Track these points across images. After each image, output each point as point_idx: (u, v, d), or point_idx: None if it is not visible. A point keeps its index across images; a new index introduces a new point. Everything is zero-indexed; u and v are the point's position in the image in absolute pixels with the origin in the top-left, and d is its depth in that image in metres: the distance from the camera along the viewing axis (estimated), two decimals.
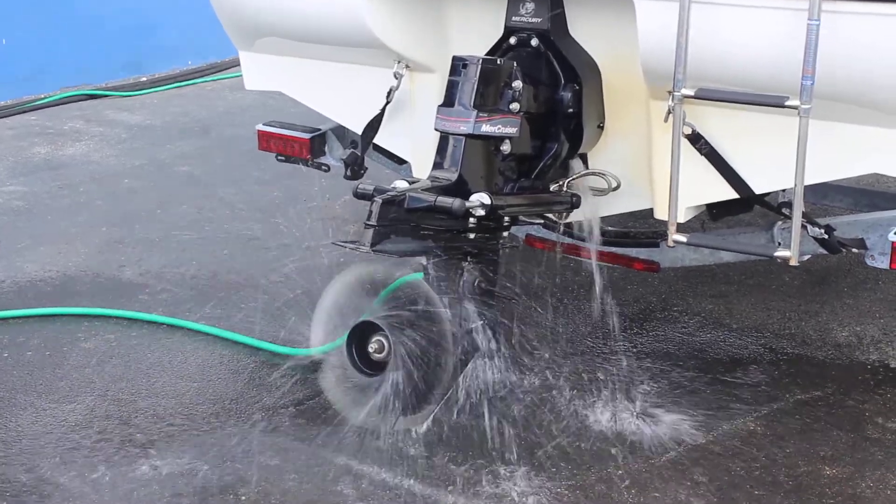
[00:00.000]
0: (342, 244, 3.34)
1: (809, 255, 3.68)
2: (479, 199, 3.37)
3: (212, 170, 6.52)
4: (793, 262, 3.31)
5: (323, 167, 4.71)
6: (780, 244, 3.68)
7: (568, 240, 4.14)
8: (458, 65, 3.48)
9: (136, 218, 5.69)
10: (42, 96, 8.16)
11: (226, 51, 8.61)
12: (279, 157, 4.78)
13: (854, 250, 3.64)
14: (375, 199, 3.27)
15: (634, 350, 4.13)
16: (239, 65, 4.58)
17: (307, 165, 4.71)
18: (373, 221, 3.24)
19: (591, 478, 3.37)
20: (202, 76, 8.98)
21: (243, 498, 3.30)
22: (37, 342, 4.30)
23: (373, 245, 3.25)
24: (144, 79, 8.88)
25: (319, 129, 4.67)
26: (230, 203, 5.90)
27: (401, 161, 4.52)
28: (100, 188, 6.20)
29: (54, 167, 6.62)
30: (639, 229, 4.34)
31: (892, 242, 3.43)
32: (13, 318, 4.50)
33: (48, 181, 6.34)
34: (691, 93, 3.28)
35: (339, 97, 4.27)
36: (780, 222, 3.73)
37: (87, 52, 8.57)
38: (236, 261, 5.10)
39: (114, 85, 8.61)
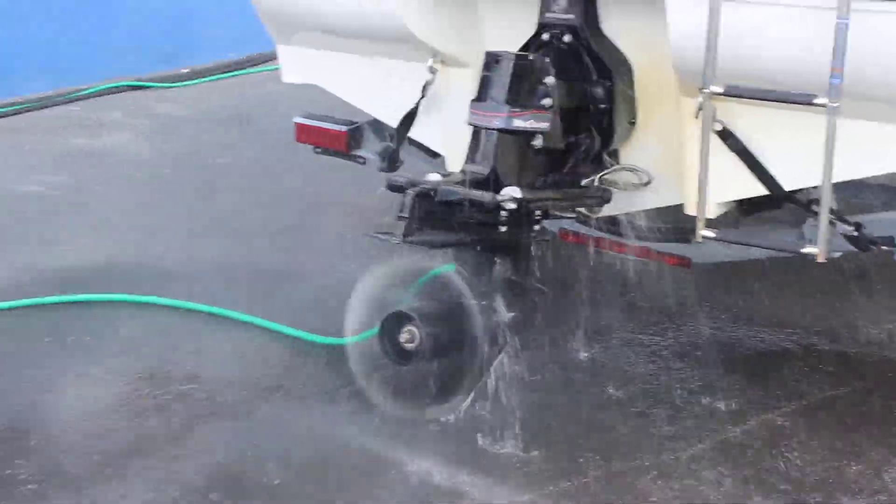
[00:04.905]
0: (375, 235, 3.39)
1: (840, 253, 3.70)
2: (511, 192, 3.40)
3: (250, 161, 6.62)
4: (820, 259, 3.33)
5: (359, 160, 4.75)
6: (809, 241, 3.69)
7: (600, 234, 4.18)
8: (492, 60, 3.52)
9: (175, 207, 5.78)
10: (84, 87, 8.26)
11: (266, 44, 8.69)
12: (316, 150, 4.84)
13: (884, 248, 3.65)
14: (408, 191, 3.33)
15: (665, 344, 4.17)
16: (276, 58, 4.65)
17: (344, 158, 4.76)
18: (405, 213, 3.30)
19: (618, 467, 3.42)
20: (242, 68, 9.07)
21: (276, 482, 3.37)
22: (77, 328, 4.39)
23: (405, 236, 3.30)
24: (185, 70, 8.97)
25: (356, 123, 4.72)
26: (268, 194, 5.98)
27: (435, 154, 4.56)
28: (140, 178, 6.31)
29: (95, 157, 6.73)
30: (671, 224, 4.36)
31: None
32: (54, 303, 4.59)
33: (89, 171, 6.45)
34: (721, 89, 3.30)
35: (375, 91, 4.32)
36: (810, 219, 3.74)
37: (129, 44, 8.67)
38: (273, 251, 5.18)
39: (155, 76, 8.71)
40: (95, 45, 8.43)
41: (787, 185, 3.51)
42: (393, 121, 4.25)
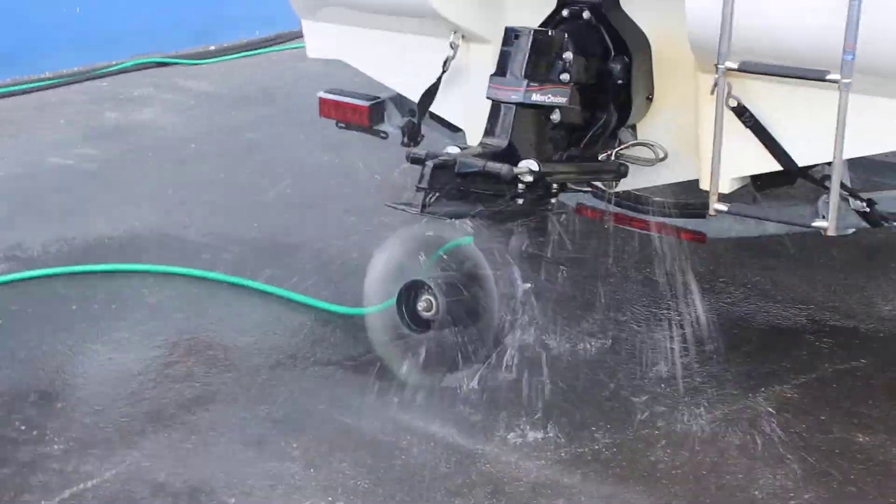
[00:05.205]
0: (394, 206, 3.46)
1: (853, 230, 3.75)
2: (528, 165, 3.47)
3: (275, 136, 6.70)
4: (830, 233, 3.39)
5: (381, 134, 4.82)
6: (822, 216, 3.75)
7: (617, 209, 4.24)
8: (511, 35, 3.58)
9: (201, 181, 5.88)
10: (113, 63, 8.36)
11: (292, 22, 8.78)
12: (339, 125, 4.90)
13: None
14: (427, 163, 3.40)
15: (679, 318, 4.23)
16: (302, 35, 4.72)
17: (366, 132, 4.83)
18: (424, 185, 3.37)
19: (630, 436, 3.49)
20: (268, 46, 9.14)
21: (294, 444, 3.46)
22: (103, 296, 4.50)
23: (423, 207, 3.38)
24: (213, 48, 9.05)
25: (378, 98, 4.79)
26: (292, 168, 6.06)
27: (455, 129, 4.62)
28: (167, 152, 6.40)
29: (124, 132, 6.83)
30: (687, 200, 4.42)
31: None
32: (82, 272, 4.70)
33: (118, 145, 6.55)
34: (735, 66, 3.36)
35: (398, 66, 4.38)
36: (824, 195, 3.80)
37: (158, 21, 8.75)
38: (297, 224, 5.27)
39: (183, 53, 8.80)
40: (124, 21, 8.52)
41: (801, 161, 3.56)
42: (415, 96, 4.31)
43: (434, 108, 4.30)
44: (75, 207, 5.50)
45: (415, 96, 4.31)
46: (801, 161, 3.56)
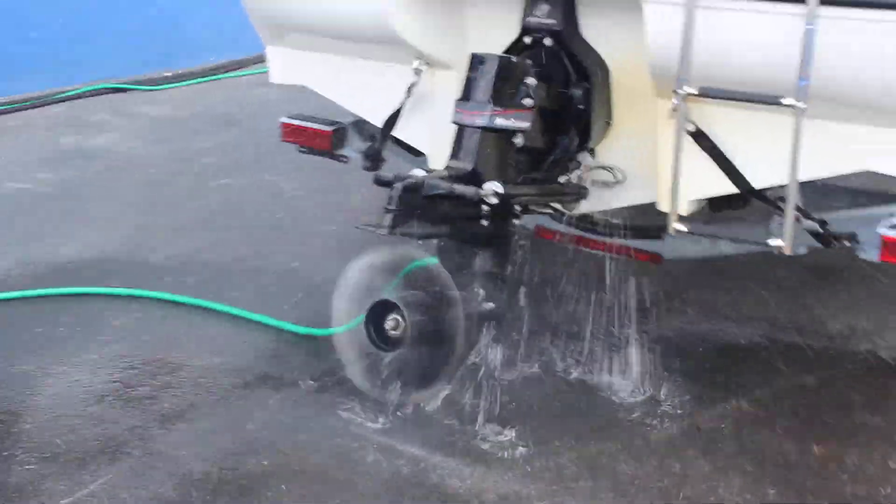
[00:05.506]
0: (363, 227, 3.54)
1: (805, 249, 3.88)
2: (493, 187, 3.57)
3: (236, 161, 6.75)
4: (786, 252, 3.52)
5: (343, 159, 4.89)
6: (777, 236, 3.87)
7: (575, 231, 4.35)
8: (477, 61, 3.70)
9: (163, 205, 5.92)
10: (69, 88, 8.37)
11: (248, 48, 8.87)
12: (301, 149, 4.97)
13: (846, 243, 3.83)
14: (395, 185, 3.49)
15: (636, 337, 4.32)
16: (262, 61, 4.79)
17: (328, 157, 4.91)
18: (392, 206, 3.46)
19: (593, 451, 3.59)
20: (225, 72, 9.19)
21: (265, 462, 3.52)
22: (69, 319, 4.52)
23: (392, 228, 3.47)
24: (169, 74, 9.09)
25: (341, 123, 4.86)
26: (254, 192, 6.12)
27: (417, 153, 4.71)
28: (128, 177, 6.43)
29: (83, 156, 6.85)
30: (643, 223, 4.53)
31: (882, 236, 3.61)
32: (45, 296, 4.72)
33: (77, 169, 6.57)
34: (695, 91, 3.48)
35: (361, 92, 4.47)
36: (776, 216, 3.91)
37: (112, 47, 8.77)
38: (261, 247, 5.32)
39: (139, 79, 8.82)
40: (79, 47, 8.53)
41: (757, 184, 3.68)
42: (378, 121, 4.40)
43: (397, 132, 4.39)
44: (36, 231, 5.52)
45: (378, 121, 4.40)
46: (757, 183, 3.68)
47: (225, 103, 8.17)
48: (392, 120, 4.32)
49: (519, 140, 3.74)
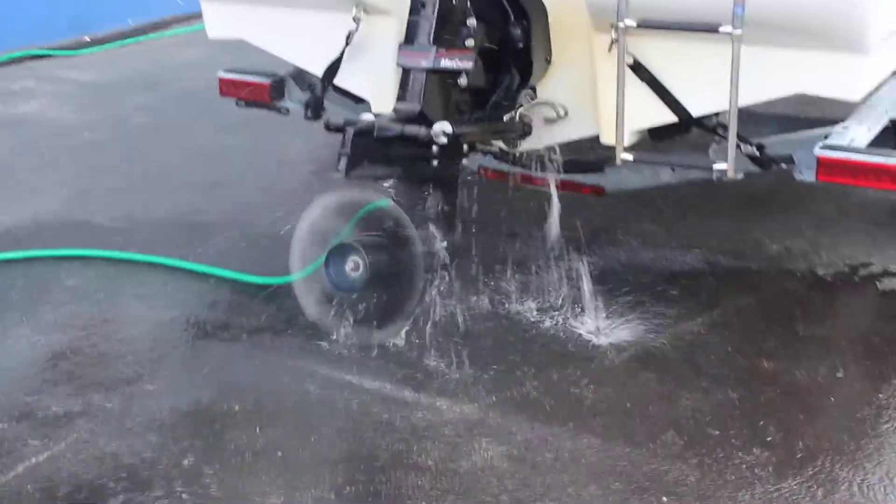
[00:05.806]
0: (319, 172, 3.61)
1: (743, 173, 4.01)
2: (442, 127, 3.65)
3: (168, 121, 6.73)
4: (729, 175, 3.66)
5: (283, 110, 4.93)
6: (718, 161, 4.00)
7: (519, 169, 4.44)
8: (418, 4, 3.78)
9: (100, 169, 5.89)
10: None
11: (167, 8, 8.80)
12: (239, 103, 5.00)
13: (783, 165, 3.97)
14: (347, 129, 3.56)
15: (583, 269, 4.43)
16: (180, 22, 4.78)
17: (268, 109, 4.94)
18: (346, 150, 3.53)
19: (554, 377, 3.70)
20: (145, 34, 9.09)
21: (236, 407, 3.59)
22: (21, 283, 4.53)
23: (346, 172, 3.54)
24: (88, 38, 8.97)
25: (279, 74, 4.90)
26: (190, 150, 6.12)
27: (359, 100, 4.77)
28: (60, 143, 6.37)
29: (11, 125, 6.76)
30: (585, 157, 4.63)
31: (818, 156, 3.76)
32: None
33: (7, 138, 6.48)
34: (633, 23, 3.59)
35: (301, 42, 4.50)
36: (714, 143, 4.05)
37: (26, 14, 8.63)
38: (204, 203, 5.33)
39: (58, 45, 8.69)
40: None
41: (696, 112, 3.81)
42: (318, 70, 4.45)
43: (337, 81, 4.44)
44: None
45: (318, 71, 4.45)
46: (697, 111, 3.81)
47: (151, 65, 8.11)
48: (332, 69, 4.36)
49: (463, 80, 3.82)
